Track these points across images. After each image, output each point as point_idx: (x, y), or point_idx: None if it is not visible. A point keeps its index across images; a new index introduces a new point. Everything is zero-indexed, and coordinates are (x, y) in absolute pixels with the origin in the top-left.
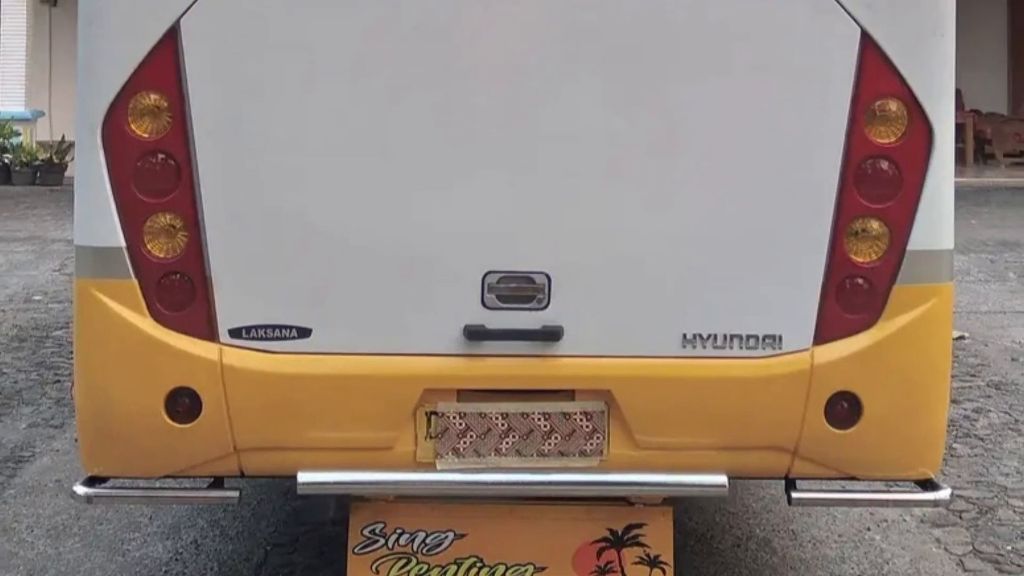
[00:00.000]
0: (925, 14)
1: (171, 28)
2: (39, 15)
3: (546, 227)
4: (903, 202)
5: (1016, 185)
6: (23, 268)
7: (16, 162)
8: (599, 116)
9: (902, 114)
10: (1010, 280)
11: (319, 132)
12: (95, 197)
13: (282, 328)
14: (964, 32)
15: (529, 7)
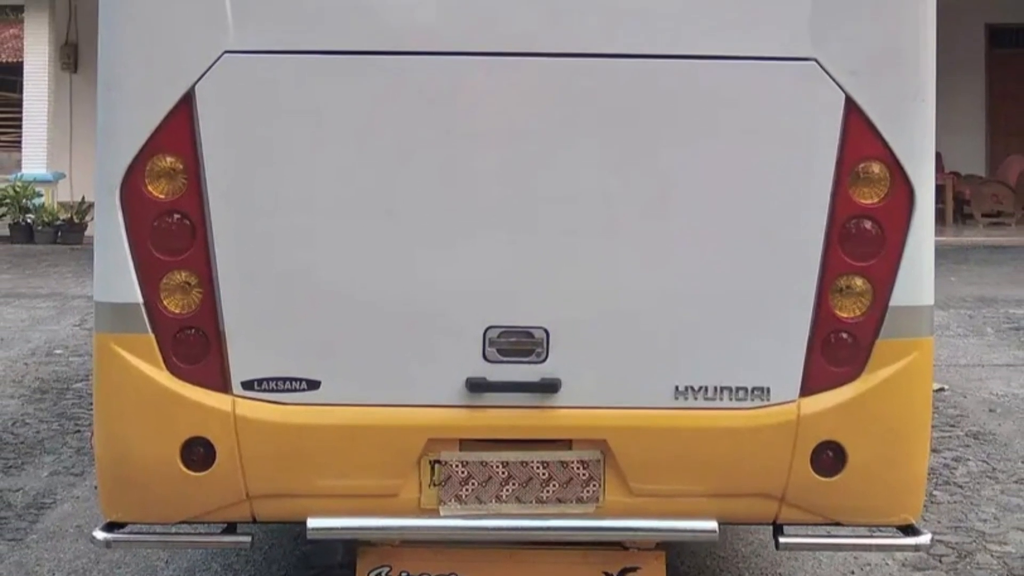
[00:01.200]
0: (907, 81)
1: (186, 94)
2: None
3: (545, 284)
4: (886, 260)
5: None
6: (45, 323)
7: (38, 222)
8: (595, 178)
9: (885, 176)
10: (988, 335)
11: (328, 193)
12: (114, 255)
13: (292, 380)
14: (944, 98)
15: (528, 74)
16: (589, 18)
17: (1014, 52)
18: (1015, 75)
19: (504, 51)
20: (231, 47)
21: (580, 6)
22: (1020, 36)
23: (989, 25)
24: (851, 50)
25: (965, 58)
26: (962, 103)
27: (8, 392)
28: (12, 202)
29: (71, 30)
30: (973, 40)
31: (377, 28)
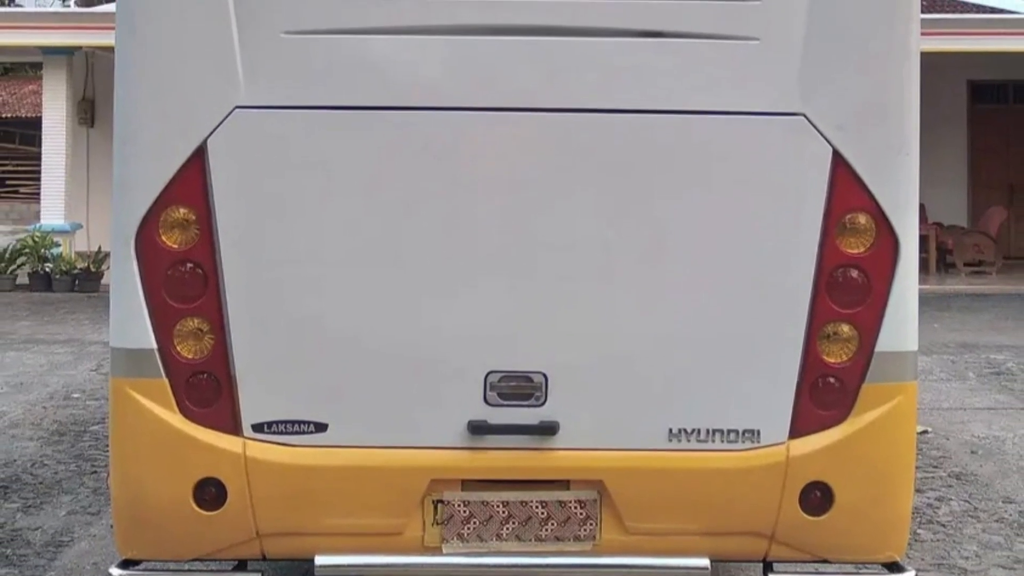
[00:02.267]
0: (892, 135)
1: (199, 148)
2: (77, 135)
3: (543, 330)
4: (871, 307)
5: (975, 292)
6: (63, 368)
7: (56, 271)
8: (592, 228)
9: (870, 227)
10: (969, 379)
11: (335, 243)
12: (129, 303)
13: (301, 423)
14: (928, 151)
15: (528, 129)
16: (587, 75)
17: (995, 108)
18: (996, 130)
19: (505, 107)
20: (242, 103)
21: (578, 64)
22: (1001, 92)
23: (971, 82)
24: (838, 105)
25: (948, 113)
26: (945, 156)
27: (27, 434)
28: (31, 252)
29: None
30: (956, 96)
31: (383, 84)
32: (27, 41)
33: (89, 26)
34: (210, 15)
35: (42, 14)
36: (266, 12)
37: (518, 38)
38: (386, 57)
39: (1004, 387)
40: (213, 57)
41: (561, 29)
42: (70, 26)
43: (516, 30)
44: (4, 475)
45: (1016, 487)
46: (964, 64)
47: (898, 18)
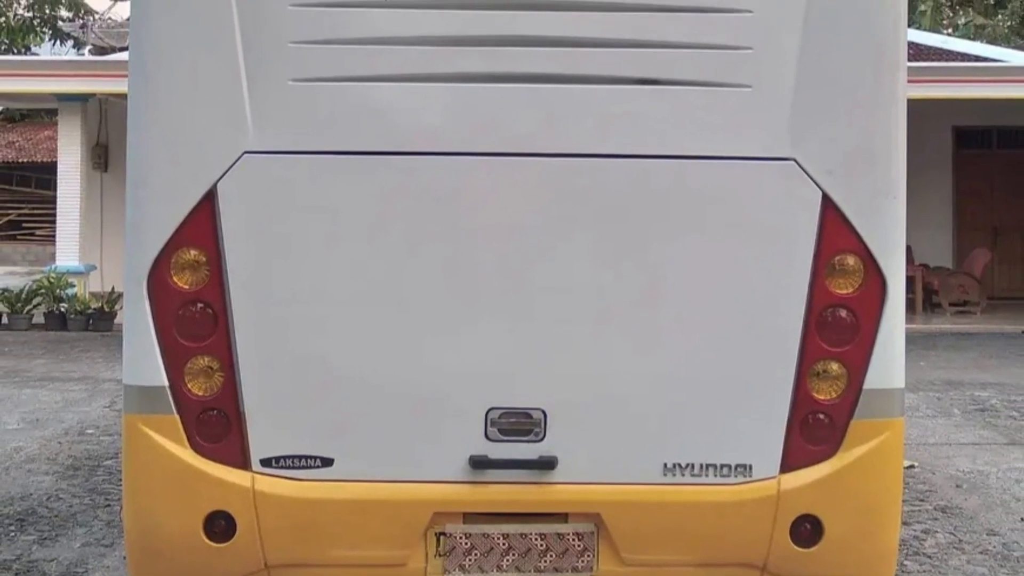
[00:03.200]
0: (879, 179)
1: (209, 191)
2: (91, 180)
3: (542, 368)
4: (860, 346)
5: (960, 331)
6: (77, 405)
7: (71, 311)
8: (590, 269)
9: (859, 268)
10: (955, 416)
11: (341, 284)
12: (141, 341)
13: (308, 458)
14: (914, 195)
15: (528, 174)
16: (584, 121)
17: (979, 153)
18: (980, 174)
19: (505, 151)
20: (251, 148)
21: (576, 110)
22: (985, 138)
23: (956, 127)
24: (828, 151)
25: (934, 158)
26: (931, 200)
27: (43, 469)
28: (47, 292)
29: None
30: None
31: (387, 130)
32: (43, 88)
33: (103, 74)
34: (220, 63)
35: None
36: (274, 60)
37: (518, 85)
38: (390, 104)
39: (988, 423)
40: (223, 104)
41: (560, 77)
42: (84, 74)
43: (516, 78)
44: (21, 508)
45: (1000, 520)
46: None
47: (885, 67)
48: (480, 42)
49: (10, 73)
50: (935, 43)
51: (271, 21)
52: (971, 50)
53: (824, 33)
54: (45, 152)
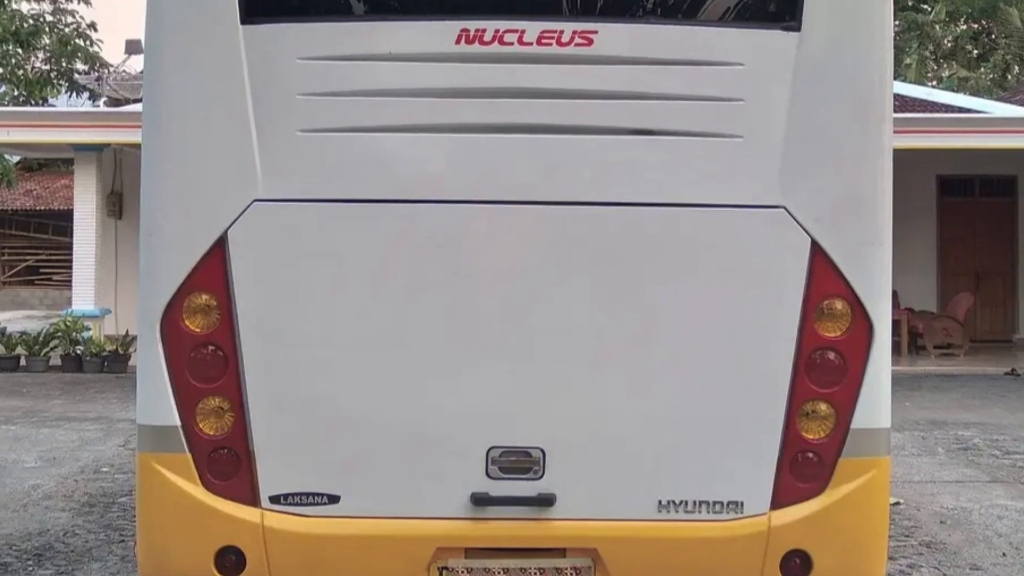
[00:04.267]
0: (866, 226)
1: (220, 238)
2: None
3: (541, 409)
4: (847, 387)
5: (944, 373)
6: (93, 444)
7: (87, 353)
8: (587, 313)
9: (847, 312)
10: (939, 454)
11: (347, 327)
12: (154, 383)
13: (315, 495)
14: (900, 242)
15: (527, 220)
16: (582, 170)
17: (962, 200)
18: (963, 221)
19: (505, 199)
20: (260, 196)
21: (574, 160)
22: (968, 186)
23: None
24: (816, 199)
25: (919, 206)
26: (916, 246)
27: (60, 506)
28: (63, 335)
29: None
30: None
31: (391, 179)
32: (60, 139)
33: (117, 125)
34: (230, 115)
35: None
36: (282, 112)
37: (518, 136)
38: (394, 153)
39: (971, 462)
40: (233, 154)
41: (558, 127)
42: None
43: (516, 128)
44: (38, 544)
45: (982, 554)
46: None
47: (872, 118)
48: (481, 94)
49: (28, 124)
50: (920, 95)
51: (280, 74)
52: (955, 102)
53: (813, 86)
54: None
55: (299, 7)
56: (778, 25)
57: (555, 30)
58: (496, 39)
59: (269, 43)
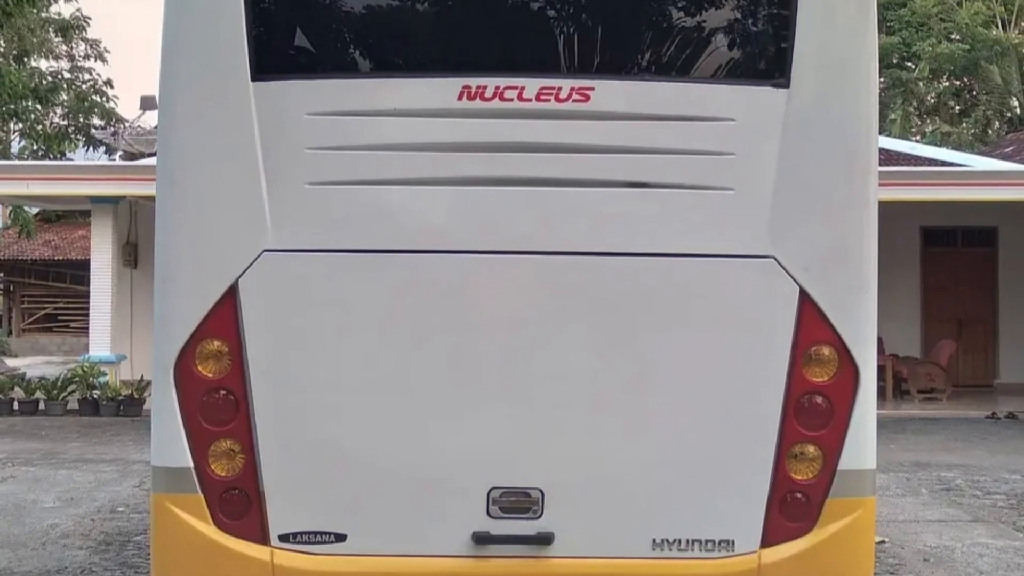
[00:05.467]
0: (853, 275)
1: (231, 287)
2: (122, 276)
3: (540, 451)
4: (834, 430)
5: (928, 416)
6: (109, 485)
7: (103, 397)
8: (583, 359)
9: (834, 358)
10: (922, 495)
11: (353, 373)
12: (168, 426)
13: (322, 534)
14: (885, 290)
15: (526, 270)
16: (579, 222)
17: (945, 250)
18: (946, 270)
19: (505, 250)
20: (270, 246)
21: (571, 211)
22: (950, 237)
23: (924, 227)
24: (805, 249)
25: (903, 256)
26: (900, 294)
27: (77, 544)
28: (80, 380)
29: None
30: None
31: (396, 230)
32: (77, 191)
33: (132, 178)
34: (241, 168)
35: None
36: (291, 165)
37: (517, 188)
38: (399, 205)
39: (953, 502)
40: (244, 205)
41: (556, 180)
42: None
43: (516, 181)
44: None
45: None
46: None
47: (858, 171)
48: (483, 148)
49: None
50: (904, 149)
51: (289, 129)
52: (938, 156)
53: (801, 140)
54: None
55: (307, 64)
56: (768, 82)
57: (553, 87)
58: (497, 95)
59: (278, 99)
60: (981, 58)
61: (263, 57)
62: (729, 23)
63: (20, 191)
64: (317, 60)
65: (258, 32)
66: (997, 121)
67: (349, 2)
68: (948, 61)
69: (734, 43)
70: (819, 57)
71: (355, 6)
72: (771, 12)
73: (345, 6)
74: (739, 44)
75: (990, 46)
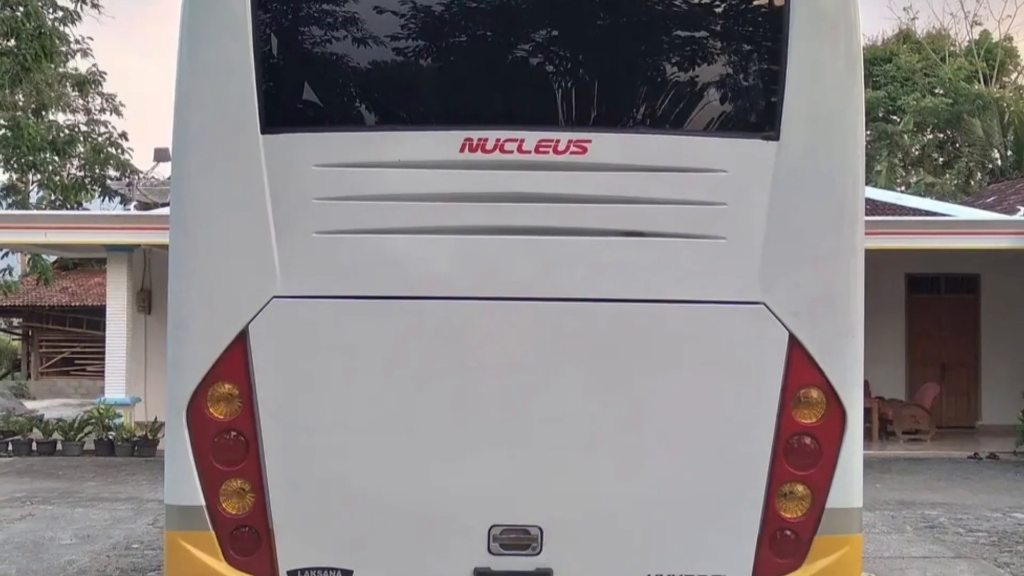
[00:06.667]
0: (840, 320)
1: (241, 332)
2: (136, 322)
3: (539, 490)
4: (822, 470)
5: (912, 457)
6: (124, 522)
7: (118, 438)
8: (581, 401)
9: (822, 400)
10: (907, 532)
11: (359, 414)
12: (181, 465)
13: (329, 570)
14: (871, 335)
15: (525, 316)
16: (577, 269)
17: (929, 297)
18: (930, 316)
19: (506, 296)
20: (279, 293)
21: (569, 259)
22: (934, 284)
23: (908, 274)
24: (794, 296)
25: (889, 302)
26: (886, 339)
27: None
28: (96, 422)
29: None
30: (895, 287)
31: (400, 277)
32: (93, 240)
33: (147, 227)
34: (251, 218)
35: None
36: (299, 215)
37: (517, 237)
38: (403, 253)
39: (937, 539)
40: (254, 253)
41: (554, 229)
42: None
43: (515, 230)
44: None
45: None
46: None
47: (845, 221)
48: (483, 198)
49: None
50: (890, 199)
51: (297, 180)
52: (922, 206)
53: (791, 190)
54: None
55: (315, 118)
56: (759, 135)
57: (552, 139)
58: (497, 147)
59: (287, 151)
60: (964, 112)
61: (272, 111)
62: (721, 78)
63: (39, 240)
64: (324, 114)
65: (267, 87)
66: (979, 172)
67: (355, 58)
68: (932, 115)
69: (726, 97)
70: (808, 111)
71: (360, 62)
72: (761, 67)
73: (351, 62)
74: (730, 98)
75: (972, 100)
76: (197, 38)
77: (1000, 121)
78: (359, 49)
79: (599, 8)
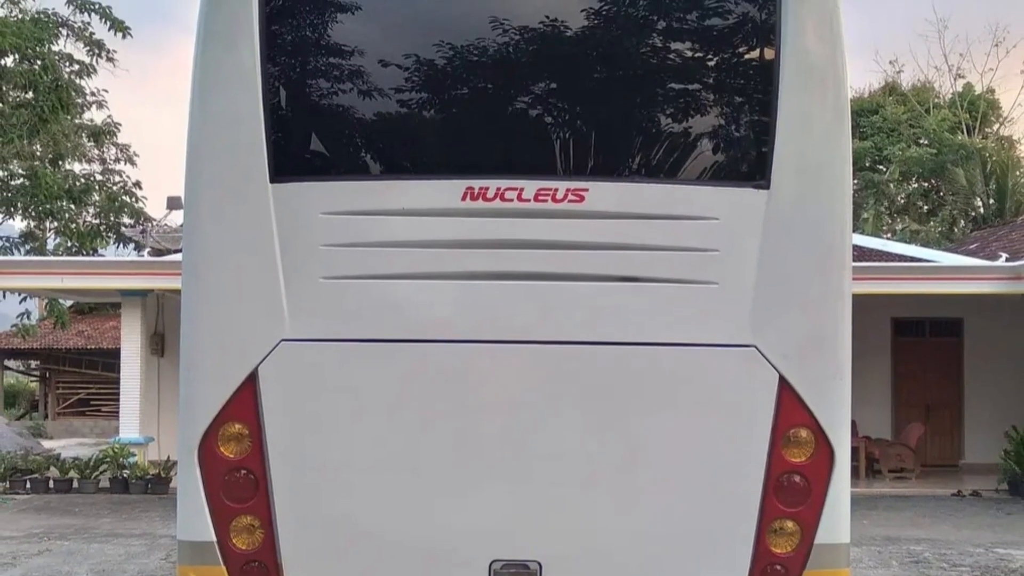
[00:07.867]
0: (828, 363)
1: (251, 373)
2: (150, 364)
3: (538, 525)
4: (811, 507)
5: (898, 494)
6: (138, 558)
7: (132, 476)
8: (578, 441)
9: (811, 439)
10: (893, 567)
11: (364, 453)
12: (193, 503)
13: None
14: (858, 376)
15: (525, 358)
16: (574, 313)
17: (914, 340)
18: (915, 358)
19: (506, 339)
20: (287, 336)
21: (567, 304)
22: (919, 327)
23: (894, 318)
24: (784, 339)
25: (875, 344)
26: (873, 381)
27: None
28: (111, 460)
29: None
30: (881, 330)
31: (404, 321)
32: (108, 285)
33: (160, 272)
34: (260, 263)
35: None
36: (307, 261)
37: (517, 282)
38: (407, 298)
39: (922, 573)
40: (263, 298)
41: (553, 275)
42: (144, 272)
43: (515, 276)
44: None
45: None
46: (888, 304)
47: (833, 266)
48: (484, 245)
49: (80, 272)
50: (876, 246)
51: (304, 227)
52: (907, 252)
53: (781, 237)
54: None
55: (322, 167)
56: (750, 184)
57: (550, 188)
58: (498, 196)
59: (295, 199)
60: (948, 161)
61: (281, 161)
62: (713, 129)
63: (55, 285)
64: (331, 164)
65: (276, 138)
66: (963, 220)
67: (361, 110)
68: (917, 164)
69: (718, 148)
70: (797, 161)
71: (366, 114)
72: (752, 119)
73: (357, 114)
74: (723, 148)
75: (956, 150)
76: (208, 90)
77: (983, 170)
78: (365, 101)
79: (596, 62)
